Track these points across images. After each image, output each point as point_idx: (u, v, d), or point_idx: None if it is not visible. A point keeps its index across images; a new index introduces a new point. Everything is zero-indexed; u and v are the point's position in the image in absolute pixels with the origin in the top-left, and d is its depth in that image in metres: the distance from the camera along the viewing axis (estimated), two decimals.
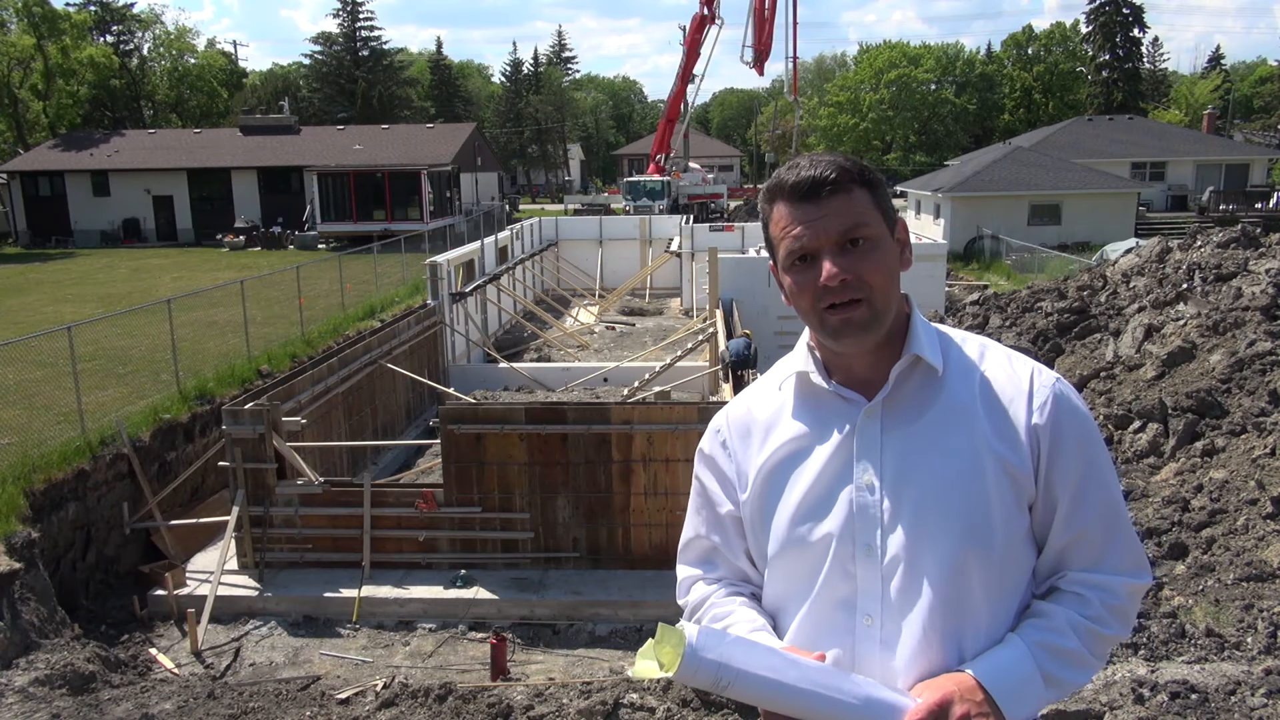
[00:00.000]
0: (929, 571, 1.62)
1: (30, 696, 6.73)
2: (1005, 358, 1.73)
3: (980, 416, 1.65)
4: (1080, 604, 1.65)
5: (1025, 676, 1.59)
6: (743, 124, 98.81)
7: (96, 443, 9.89)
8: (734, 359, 12.70)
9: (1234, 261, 13.44)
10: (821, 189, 1.63)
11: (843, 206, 1.64)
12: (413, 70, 77.84)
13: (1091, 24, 67.70)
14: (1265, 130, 64.33)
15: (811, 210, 1.64)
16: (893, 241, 1.69)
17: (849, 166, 1.66)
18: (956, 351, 1.73)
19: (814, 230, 1.63)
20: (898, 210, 1.78)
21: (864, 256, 1.64)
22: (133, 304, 18.13)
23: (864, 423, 1.69)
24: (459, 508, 9.49)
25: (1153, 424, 10.06)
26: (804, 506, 1.72)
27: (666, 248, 26.25)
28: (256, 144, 42.47)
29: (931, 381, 1.69)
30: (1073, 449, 1.66)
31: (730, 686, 1.60)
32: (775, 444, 1.78)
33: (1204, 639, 6.45)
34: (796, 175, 1.66)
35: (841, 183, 1.64)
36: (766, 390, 1.85)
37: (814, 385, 1.75)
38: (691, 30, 44.52)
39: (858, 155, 27.41)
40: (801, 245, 1.64)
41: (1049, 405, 1.66)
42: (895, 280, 1.69)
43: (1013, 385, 1.68)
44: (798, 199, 1.65)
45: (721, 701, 6.28)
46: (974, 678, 1.57)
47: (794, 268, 1.67)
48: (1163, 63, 79.34)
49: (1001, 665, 1.59)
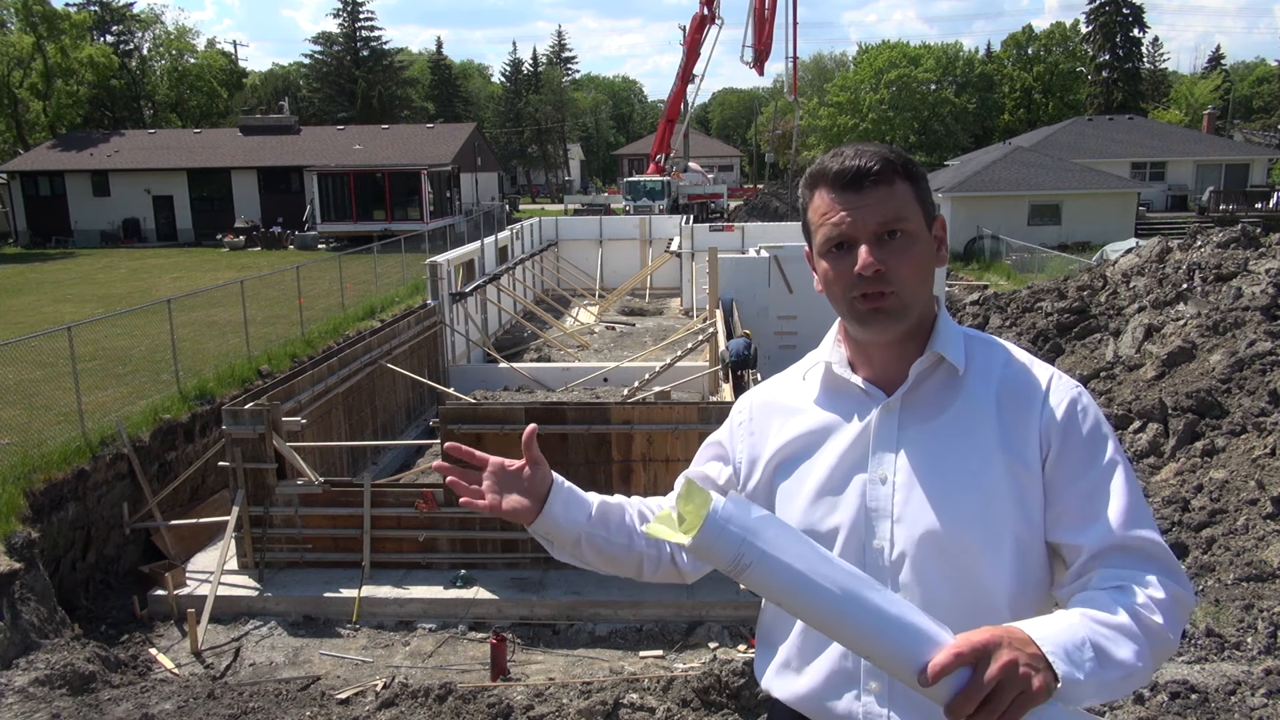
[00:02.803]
0: (935, 570, 1.62)
1: (30, 696, 6.73)
2: (1027, 363, 1.72)
3: (994, 419, 1.65)
4: (1119, 592, 1.52)
5: (1078, 641, 1.40)
6: (743, 124, 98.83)
7: (96, 443, 9.89)
8: (734, 359, 12.69)
9: (1234, 261, 13.44)
10: (865, 179, 1.63)
11: (884, 198, 1.64)
12: (413, 70, 77.88)
13: (1091, 24, 67.73)
14: (1265, 130, 64.32)
15: (853, 199, 1.64)
16: (930, 237, 1.70)
17: (893, 159, 1.66)
18: (980, 354, 1.72)
19: (854, 219, 1.64)
20: (936, 209, 1.77)
21: (900, 250, 1.64)
22: (133, 304, 18.13)
23: (882, 417, 1.71)
24: (459, 508, 9.48)
25: (1153, 424, 10.06)
26: (817, 495, 1.74)
27: (666, 248, 26.24)
28: (256, 144, 42.47)
29: (952, 381, 1.69)
30: (1079, 452, 1.62)
31: (750, 569, 1.42)
32: (794, 431, 1.80)
33: (1204, 639, 6.45)
34: (840, 163, 1.66)
35: (885, 174, 1.64)
36: (792, 378, 1.88)
37: (837, 377, 1.77)
38: (691, 30, 44.51)
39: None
40: (840, 233, 1.65)
41: (1060, 409, 1.64)
42: (928, 276, 1.69)
43: (1029, 390, 1.67)
44: (840, 187, 1.65)
45: (721, 702, 6.27)
46: (1024, 630, 1.38)
47: (830, 254, 1.68)
48: (1163, 63, 79.42)
49: (1051, 624, 1.42)
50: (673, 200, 44.96)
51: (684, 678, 6.71)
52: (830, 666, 1.74)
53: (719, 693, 6.29)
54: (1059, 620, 1.44)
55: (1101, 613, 1.47)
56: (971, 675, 1.31)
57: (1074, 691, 1.35)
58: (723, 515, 1.41)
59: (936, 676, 1.32)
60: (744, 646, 8.23)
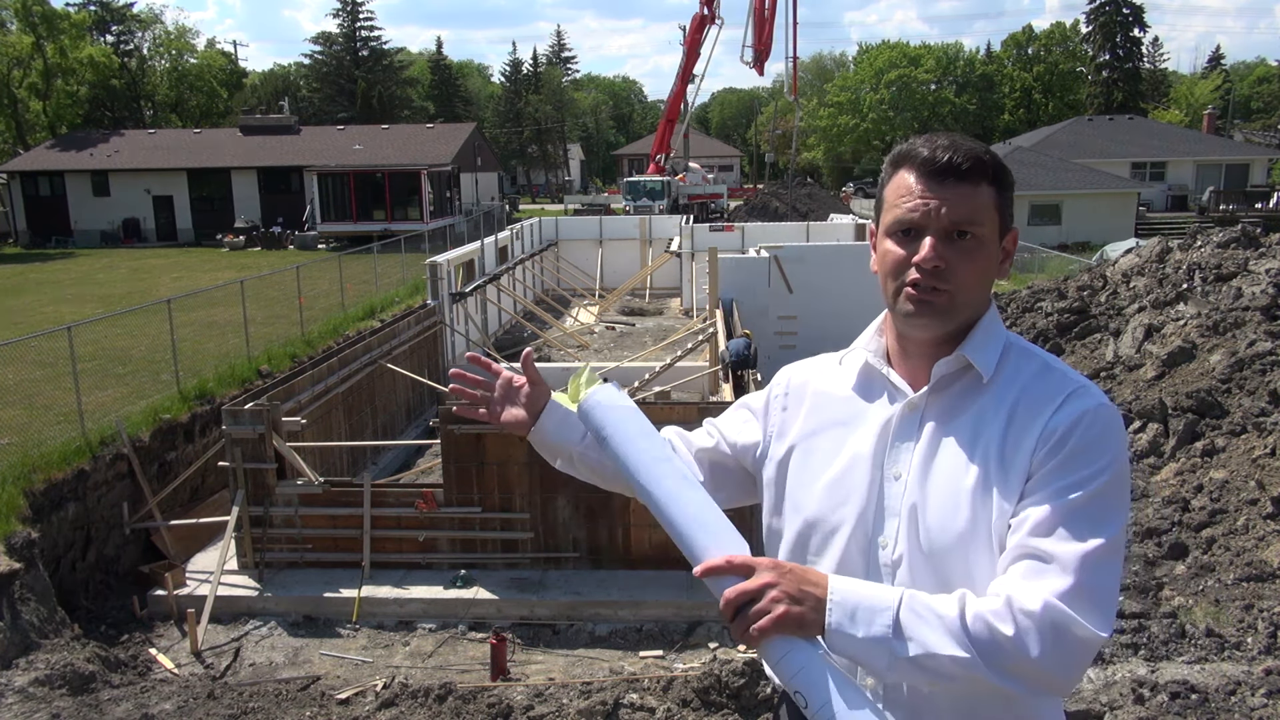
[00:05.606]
0: (929, 576, 1.61)
1: (30, 696, 6.73)
2: (1057, 376, 1.64)
3: (1001, 429, 1.61)
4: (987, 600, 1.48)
5: (876, 607, 1.46)
6: (743, 124, 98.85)
7: (96, 443, 9.89)
8: (734, 359, 12.69)
9: (1234, 261, 13.44)
10: (951, 173, 1.61)
11: (965, 196, 1.61)
12: (413, 70, 77.87)
13: (1091, 24, 67.75)
14: (1265, 130, 64.32)
15: (934, 189, 1.61)
16: (998, 247, 1.68)
17: (987, 160, 1.64)
18: (1014, 363, 1.67)
19: (929, 208, 1.61)
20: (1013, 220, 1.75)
21: (966, 252, 1.62)
22: (132, 304, 18.13)
23: (904, 414, 1.70)
24: (459, 508, 9.49)
25: (1153, 424, 10.06)
26: (832, 484, 1.74)
27: (666, 248, 26.24)
28: (256, 144, 42.47)
29: (976, 386, 1.67)
30: (1060, 461, 1.54)
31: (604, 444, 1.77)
32: (821, 417, 1.81)
33: (1204, 639, 6.45)
34: (932, 150, 1.63)
35: (972, 173, 1.61)
36: (830, 362, 1.89)
37: (871, 368, 1.77)
38: (691, 30, 44.52)
39: (858, 155, 27.56)
40: (913, 219, 1.62)
41: (1065, 421, 1.57)
42: (986, 284, 1.67)
43: (1044, 401, 1.61)
44: (925, 173, 1.63)
45: (721, 702, 6.28)
46: (825, 576, 1.50)
47: (896, 236, 1.66)
48: (1163, 63, 79.36)
49: (867, 586, 1.51)
50: (673, 200, 44.97)
51: (684, 678, 6.71)
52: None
53: (719, 693, 6.29)
54: (877, 587, 1.53)
55: (934, 601, 1.48)
56: (734, 584, 1.48)
57: (847, 646, 1.46)
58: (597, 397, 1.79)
59: (704, 573, 1.54)
60: (744, 647, 8.23)
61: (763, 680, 6.27)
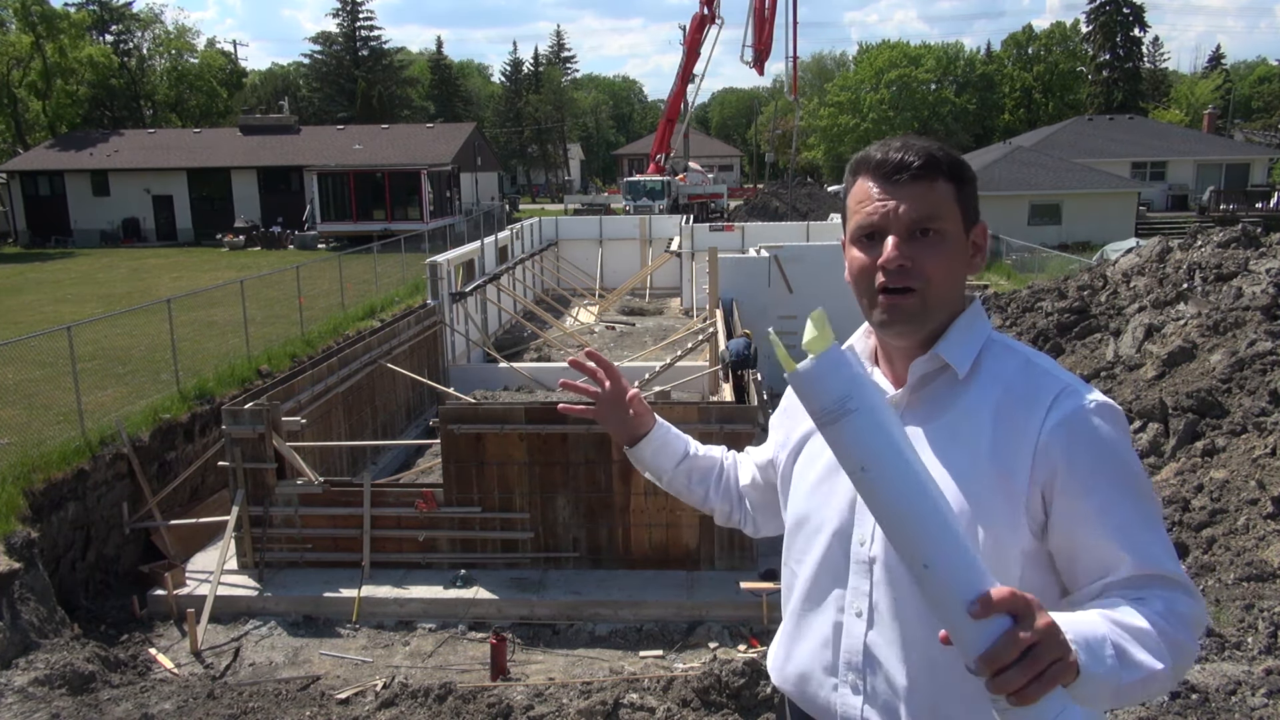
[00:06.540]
0: (905, 576, 1.59)
1: (30, 696, 6.73)
2: (1042, 372, 1.62)
3: (988, 427, 1.59)
4: (1140, 603, 1.45)
5: (1098, 636, 1.32)
6: (743, 124, 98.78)
7: (96, 442, 9.88)
8: (734, 359, 12.68)
9: (1234, 261, 13.44)
10: (904, 172, 1.61)
11: (922, 194, 1.61)
12: (413, 70, 77.88)
13: (1092, 24, 67.72)
14: (1265, 130, 64.35)
15: (890, 190, 1.62)
16: (965, 241, 1.67)
17: (940, 157, 1.63)
18: (994, 360, 1.65)
19: (887, 210, 1.61)
20: (978, 214, 1.71)
21: (929, 248, 1.61)
22: (132, 304, 18.13)
23: None
24: (459, 508, 9.48)
25: (1153, 424, 10.05)
26: (816, 484, 1.77)
27: (666, 248, 26.24)
28: (256, 144, 42.47)
29: (954, 385, 1.66)
30: (1085, 473, 1.52)
31: (848, 416, 1.34)
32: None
33: (1204, 639, 6.45)
34: (884, 154, 1.64)
35: (926, 171, 1.61)
36: None
37: None
38: (691, 30, 44.50)
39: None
40: (872, 223, 1.63)
41: (1063, 425, 1.54)
42: (956, 279, 1.66)
43: (1032, 399, 1.58)
44: (880, 177, 1.63)
45: (721, 702, 6.27)
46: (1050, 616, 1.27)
47: (860, 243, 1.66)
48: (1163, 62, 79.40)
49: (1070, 617, 1.34)
50: (673, 200, 44.96)
51: (684, 678, 6.70)
52: (811, 655, 1.76)
53: (719, 693, 6.28)
54: (1078, 615, 1.36)
55: (1123, 616, 1.40)
56: (1013, 625, 1.21)
57: (1091, 688, 1.28)
58: (842, 354, 1.38)
59: (989, 609, 1.21)
60: (744, 646, 8.23)
61: (763, 680, 6.27)
